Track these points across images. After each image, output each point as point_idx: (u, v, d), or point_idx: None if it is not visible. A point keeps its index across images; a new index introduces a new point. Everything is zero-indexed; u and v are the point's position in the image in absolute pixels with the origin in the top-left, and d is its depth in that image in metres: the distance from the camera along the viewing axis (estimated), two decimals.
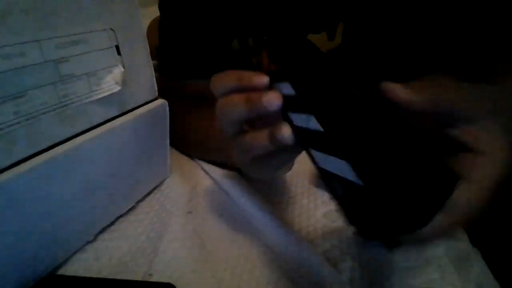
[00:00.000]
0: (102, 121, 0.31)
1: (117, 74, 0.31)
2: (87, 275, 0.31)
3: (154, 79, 0.36)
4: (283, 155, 0.25)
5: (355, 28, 0.43)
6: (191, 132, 0.47)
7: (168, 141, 0.41)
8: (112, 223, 0.37)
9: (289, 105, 0.21)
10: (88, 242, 0.34)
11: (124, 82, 0.31)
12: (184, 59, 0.48)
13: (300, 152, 0.25)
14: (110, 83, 0.30)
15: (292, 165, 0.33)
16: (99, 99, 0.29)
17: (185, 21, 0.46)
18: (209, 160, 0.46)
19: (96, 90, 0.29)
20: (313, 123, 0.19)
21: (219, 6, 0.45)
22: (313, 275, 0.30)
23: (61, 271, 0.31)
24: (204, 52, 0.48)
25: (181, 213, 0.39)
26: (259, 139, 0.23)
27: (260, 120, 0.25)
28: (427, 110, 0.21)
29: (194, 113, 0.47)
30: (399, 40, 0.43)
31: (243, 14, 0.46)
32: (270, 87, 0.23)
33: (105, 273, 0.32)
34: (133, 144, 0.35)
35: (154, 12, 0.49)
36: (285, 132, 0.21)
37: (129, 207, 0.38)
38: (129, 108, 0.33)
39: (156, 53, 0.48)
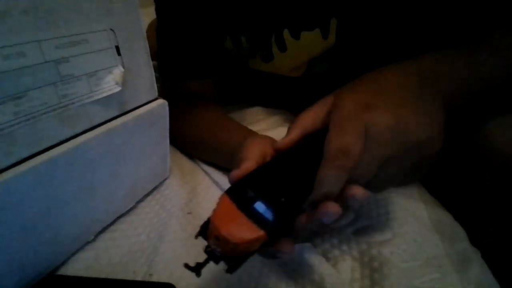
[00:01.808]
0: (102, 121, 0.31)
1: (117, 75, 0.31)
2: (87, 275, 0.31)
3: (154, 79, 0.36)
4: None
5: (349, 23, 0.43)
6: (192, 132, 0.47)
7: (168, 141, 0.41)
8: (112, 223, 0.37)
9: None
10: (88, 242, 0.34)
11: (124, 83, 0.31)
12: (181, 60, 0.48)
13: None
14: (110, 83, 0.30)
15: None
16: (99, 99, 0.29)
17: (180, 21, 0.46)
18: (208, 161, 0.46)
19: (96, 91, 0.29)
20: None
21: (212, 4, 0.45)
22: (313, 275, 0.30)
23: (61, 271, 0.31)
24: (199, 52, 0.48)
25: (181, 213, 0.39)
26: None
27: None
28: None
29: (194, 113, 0.47)
30: (394, 34, 0.43)
31: (234, 11, 0.46)
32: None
33: (105, 273, 0.32)
34: (133, 144, 0.35)
35: (154, 12, 0.49)
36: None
37: (129, 207, 0.38)
38: (129, 108, 0.33)
39: (155, 56, 0.48)
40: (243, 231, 0.22)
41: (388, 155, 0.24)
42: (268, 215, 0.22)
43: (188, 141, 0.48)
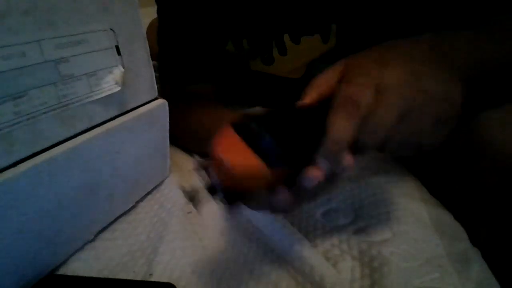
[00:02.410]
0: (102, 121, 0.31)
1: (117, 74, 0.31)
2: (87, 275, 0.31)
3: (154, 79, 0.36)
4: None
5: (348, 29, 0.43)
6: (193, 129, 0.47)
7: (168, 141, 0.41)
8: (112, 223, 0.37)
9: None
10: (88, 242, 0.34)
11: (124, 82, 0.31)
12: (182, 63, 0.48)
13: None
14: (110, 83, 0.30)
15: None
16: (99, 99, 0.29)
17: (181, 24, 0.46)
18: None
19: (96, 90, 0.29)
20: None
21: (214, 8, 0.45)
22: (313, 275, 0.30)
23: (61, 271, 0.31)
24: (201, 55, 0.48)
25: (181, 213, 0.39)
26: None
27: None
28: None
29: (194, 113, 0.48)
30: (395, 35, 0.43)
31: (236, 15, 0.46)
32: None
33: (105, 273, 0.32)
34: (133, 144, 0.35)
35: (154, 12, 0.49)
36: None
37: (129, 207, 0.38)
38: (129, 108, 0.33)
39: (156, 59, 0.48)
40: (246, 162, 0.21)
41: (403, 109, 0.24)
42: (273, 153, 0.21)
43: (187, 137, 0.48)
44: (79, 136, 0.29)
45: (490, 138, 0.34)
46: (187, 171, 0.46)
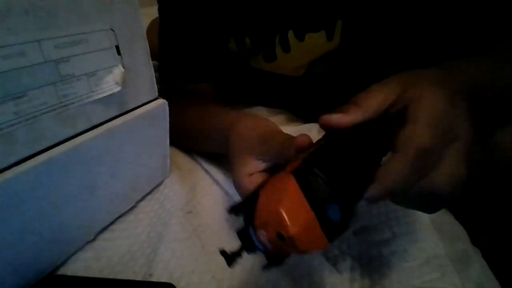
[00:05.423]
0: (102, 121, 0.31)
1: (117, 74, 0.31)
2: (87, 275, 0.31)
3: (154, 79, 0.36)
4: None
5: (354, 25, 0.43)
6: (186, 125, 0.47)
7: (168, 141, 0.41)
8: (112, 223, 0.37)
9: None
10: (88, 242, 0.34)
11: (124, 82, 0.31)
12: (183, 62, 0.48)
13: None
14: (110, 83, 0.30)
15: None
16: (99, 99, 0.29)
17: (183, 23, 0.46)
18: (207, 152, 0.46)
19: (96, 90, 0.29)
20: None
21: (216, 5, 0.45)
22: (313, 275, 0.30)
23: (61, 271, 0.31)
24: (202, 54, 0.48)
25: (181, 213, 0.39)
26: None
27: None
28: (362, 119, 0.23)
29: (188, 108, 0.47)
30: (399, 36, 0.43)
31: (239, 13, 0.46)
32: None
33: (105, 273, 0.32)
34: (133, 144, 0.35)
35: (154, 12, 0.49)
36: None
37: (129, 207, 0.38)
38: (129, 108, 0.33)
39: (157, 58, 0.48)
40: (313, 240, 0.18)
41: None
42: (337, 222, 0.19)
43: (183, 135, 0.48)
44: (79, 136, 0.29)
45: (495, 141, 0.34)
46: (187, 171, 0.46)
